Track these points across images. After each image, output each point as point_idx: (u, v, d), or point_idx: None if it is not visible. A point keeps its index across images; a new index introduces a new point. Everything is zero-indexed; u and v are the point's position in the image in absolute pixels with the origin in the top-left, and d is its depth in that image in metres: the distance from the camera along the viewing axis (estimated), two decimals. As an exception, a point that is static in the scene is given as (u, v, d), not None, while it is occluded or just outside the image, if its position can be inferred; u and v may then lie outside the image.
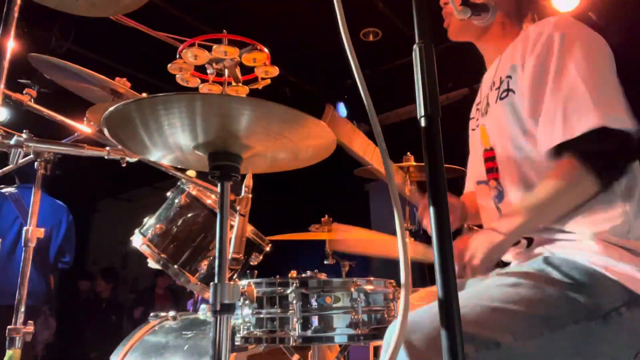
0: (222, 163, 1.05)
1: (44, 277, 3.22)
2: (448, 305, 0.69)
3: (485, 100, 1.37)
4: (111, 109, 0.92)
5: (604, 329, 1.03)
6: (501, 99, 1.28)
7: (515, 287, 1.09)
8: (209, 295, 1.33)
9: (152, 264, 1.82)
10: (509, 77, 1.27)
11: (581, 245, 1.11)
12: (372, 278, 1.57)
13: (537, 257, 1.17)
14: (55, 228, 3.34)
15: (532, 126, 1.20)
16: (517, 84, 1.23)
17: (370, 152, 1.37)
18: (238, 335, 1.55)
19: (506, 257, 1.31)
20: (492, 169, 1.33)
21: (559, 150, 1.11)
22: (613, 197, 1.13)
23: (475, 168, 1.46)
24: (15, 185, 3.20)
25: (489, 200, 1.35)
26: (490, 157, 1.33)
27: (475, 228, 1.43)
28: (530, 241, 1.24)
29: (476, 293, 1.10)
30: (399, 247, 0.85)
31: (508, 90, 1.26)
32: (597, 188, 1.09)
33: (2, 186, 3.15)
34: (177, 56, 1.32)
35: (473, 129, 1.45)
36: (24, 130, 1.69)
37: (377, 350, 2.07)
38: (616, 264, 1.06)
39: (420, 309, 1.02)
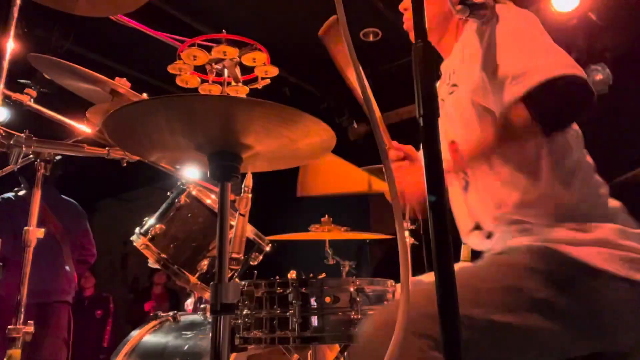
0: (222, 163, 1.05)
1: (71, 273, 3.26)
2: (448, 305, 0.69)
3: (441, 95, 1.42)
4: (111, 112, 0.92)
5: (564, 298, 1.09)
6: (450, 94, 1.36)
7: (479, 268, 1.20)
8: (208, 295, 1.33)
9: (152, 263, 1.82)
10: (455, 72, 1.36)
11: (536, 231, 1.19)
12: (371, 278, 1.57)
13: (498, 247, 1.26)
14: (76, 223, 3.37)
15: (480, 114, 1.27)
16: (460, 77, 1.32)
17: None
18: (238, 335, 1.55)
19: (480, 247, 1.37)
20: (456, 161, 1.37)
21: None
22: (554, 184, 1.20)
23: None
24: (23, 186, 3.20)
25: (457, 189, 1.40)
26: (455, 150, 1.37)
27: None
28: (489, 234, 1.31)
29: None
30: (399, 247, 0.85)
31: (455, 85, 1.34)
32: (537, 132, 1.16)
33: (17, 188, 3.15)
34: (177, 56, 1.32)
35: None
36: (24, 130, 1.69)
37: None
38: (569, 242, 1.14)
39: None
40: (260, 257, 1.88)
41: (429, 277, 1.31)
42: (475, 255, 1.40)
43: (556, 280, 1.10)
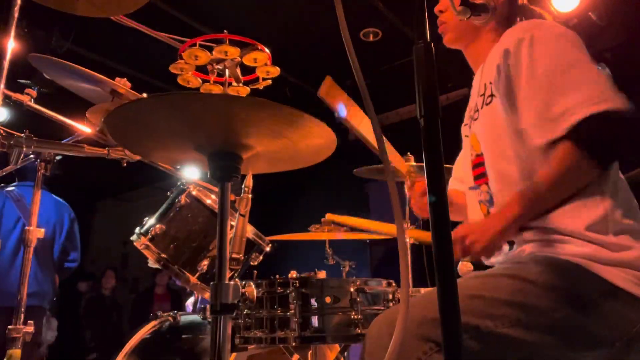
0: (222, 163, 1.05)
1: (50, 277, 3.21)
2: (448, 306, 0.69)
3: (475, 106, 1.40)
4: (112, 110, 0.92)
5: (583, 319, 1.06)
6: (487, 104, 1.31)
7: (495, 278, 1.13)
8: (209, 295, 1.33)
9: (152, 263, 1.82)
10: (492, 83, 1.30)
11: (561, 243, 1.13)
12: (371, 278, 1.57)
13: (518, 256, 1.21)
14: (59, 226, 3.32)
15: (517, 128, 1.22)
16: (498, 89, 1.26)
17: (365, 125, 1.35)
18: (238, 335, 1.55)
19: (490, 261, 1.33)
20: (481, 175, 1.35)
21: (554, 142, 1.13)
22: (594, 194, 1.15)
23: (465, 173, 1.48)
24: (14, 184, 3.19)
25: (478, 206, 1.37)
26: (479, 163, 1.36)
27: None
28: (511, 244, 1.26)
29: None
30: (399, 247, 0.85)
31: (492, 95, 1.29)
32: (596, 170, 1.11)
33: (2, 185, 3.13)
34: (178, 56, 1.32)
35: (466, 135, 1.47)
36: (24, 130, 1.69)
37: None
38: (594, 259, 1.09)
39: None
40: (261, 257, 1.88)
41: None
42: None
43: (576, 300, 1.06)
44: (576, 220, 1.13)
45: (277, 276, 1.56)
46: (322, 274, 1.58)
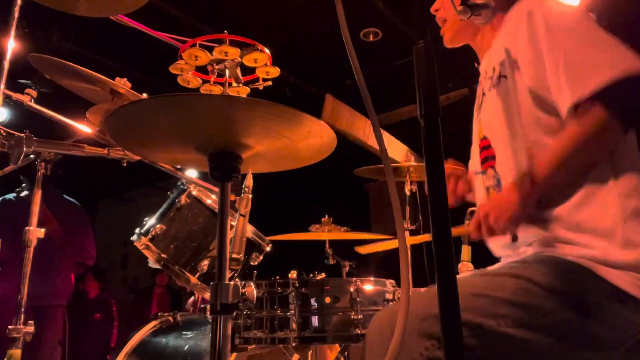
0: (222, 163, 1.05)
1: (67, 276, 3.24)
2: (448, 305, 0.69)
3: (482, 90, 1.38)
4: (111, 111, 0.92)
5: (587, 323, 1.04)
6: (494, 86, 1.29)
7: (499, 277, 1.11)
8: (209, 295, 1.33)
9: (152, 263, 1.82)
10: (501, 64, 1.28)
11: (568, 243, 1.11)
12: (371, 278, 1.58)
13: (523, 254, 1.19)
14: (81, 226, 3.38)
15: (530, 106, 1.19)
16: (509, 69, 1.24)
17: (369, 134, 1.35)
18: (238, 335, 1.55)
19: (496, 252, 1.32)
20: (488, 158, 1.32)
21: (579, 106, 1.10)
22: (608, 191, 1.12)
23: (473, 159, 1.47)
24: (25, 187, 3.19)
25: (484, 190, 1.35)
26: (485, 146, 1.33)
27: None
28: (515, 237, 1.21)
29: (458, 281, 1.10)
30: (400, 247, 0.85)
31: (500, 76, 1.27)
32: (621, 134, 1.09)
33: (19, 189, 3.14)
34: (178, 57, 1.32)
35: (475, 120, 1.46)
36: (24, 130, 1.69)
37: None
38: (601, 262, 1.06)
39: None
40: (261, 257, 1.88)
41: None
42: (474, 254, 1.39)
43: (581, 303, 1.04)
44: (584, 217, 1.10)
45: (277, 277, 1.56)
46: (321, 277, 1.58)
